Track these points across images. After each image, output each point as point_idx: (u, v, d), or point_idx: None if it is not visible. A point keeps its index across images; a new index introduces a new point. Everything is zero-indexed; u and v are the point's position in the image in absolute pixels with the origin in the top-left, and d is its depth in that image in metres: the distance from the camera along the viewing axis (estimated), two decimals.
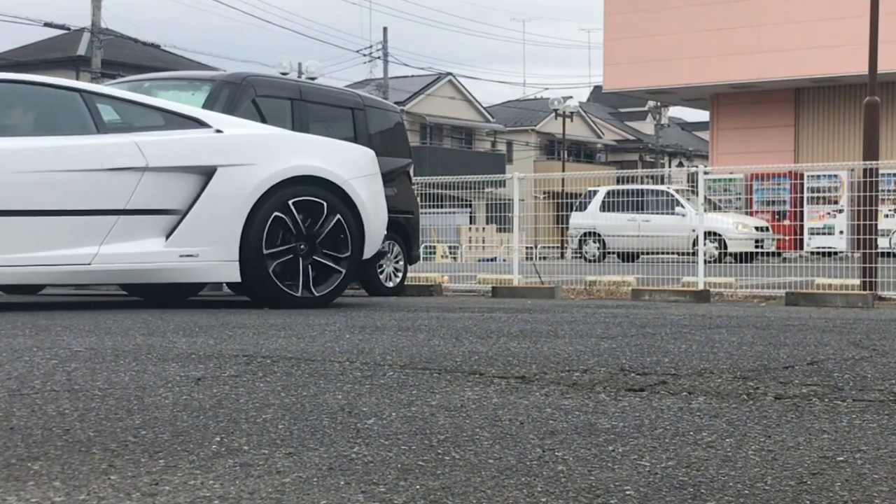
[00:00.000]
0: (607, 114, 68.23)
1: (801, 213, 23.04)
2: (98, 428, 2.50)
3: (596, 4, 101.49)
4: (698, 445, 2.38)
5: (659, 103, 51.80)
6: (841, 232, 22.15)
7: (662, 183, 24.15)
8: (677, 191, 18.96)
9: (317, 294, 7.14)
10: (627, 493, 1.95)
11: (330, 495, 1.90)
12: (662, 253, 15.10)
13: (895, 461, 2.25)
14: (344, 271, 7.27)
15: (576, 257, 16.40)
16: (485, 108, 58.63)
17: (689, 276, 10.75)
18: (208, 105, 8.40)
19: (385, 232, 7.82)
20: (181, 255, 6.68)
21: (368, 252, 7.44)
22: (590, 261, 15.29)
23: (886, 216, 18.02)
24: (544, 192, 18.55)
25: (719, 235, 16.54)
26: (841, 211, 23.15)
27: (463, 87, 57.01)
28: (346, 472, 2.08)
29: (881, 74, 11.41)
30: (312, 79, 11.49)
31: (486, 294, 10.42)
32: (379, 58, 47.48)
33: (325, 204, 7.14)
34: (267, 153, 7.00)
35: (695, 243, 11.63)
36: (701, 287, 9.96)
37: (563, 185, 23.10)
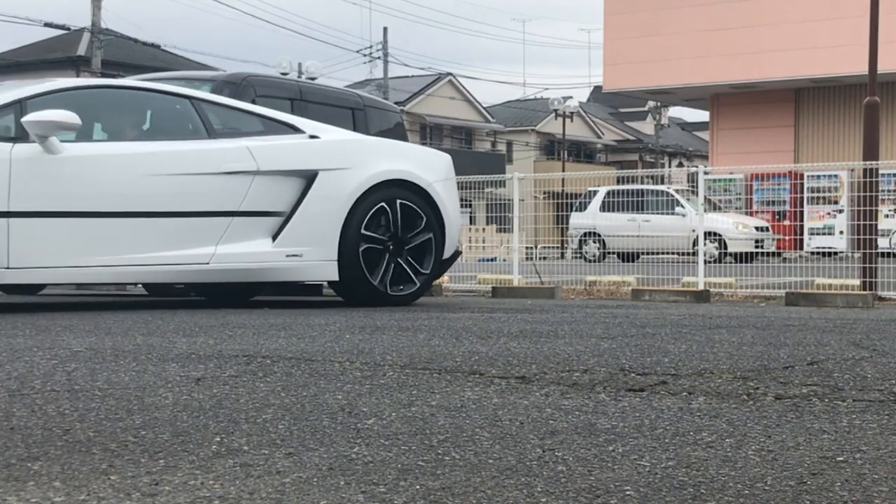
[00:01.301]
0: (607, 114, 68.23)
1: (801, 213, 23.04)
2: (98, 428, 2.50)
3: (596, 4, 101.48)
4: (698, 445, 2.38)
5: (659, 103, 51.80)
6: (841, 232, 22.15)
7: (662, 183, 24.14)
8: (677, 191, 18.95)
9: (406, 292, 7.53)
10: (627, 493, 1.95)
11: (330, 495, 1.90)
12: (662, 253, 15.10)
13: (895, 461, 2.25)
14: (428, 271, 7.66)
15: (576, 257, 16.39)
16: (485, 109, 58.63)
17: (689, 277, 10.75)
18: None
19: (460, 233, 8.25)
20: (287, 255, 7.04)
21: (448, 252, 7.81)
22: (590, 261, 15.30)
23: (886, 216, 18.02)
24: (544, 193, 18.57)
25: (719, 235, 16.54)
26: (841, 211, 23.15)
27: (463, 87, 57.01)
28: (346, 472, 2.08)
29: (881, 74, 11.41)
30: (312, 79, 11.50)
31: (486, 294, 10.42)
32: (379, 58, 47.49)
33: (413, 206, 7.51)
34: (361, 158, 7.37)
35: (695, 243, 11.63)
36: (701, 287, 9.96)
37: (563, 186, 23.11)
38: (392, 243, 7.44)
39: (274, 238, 7.03)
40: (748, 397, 3.09)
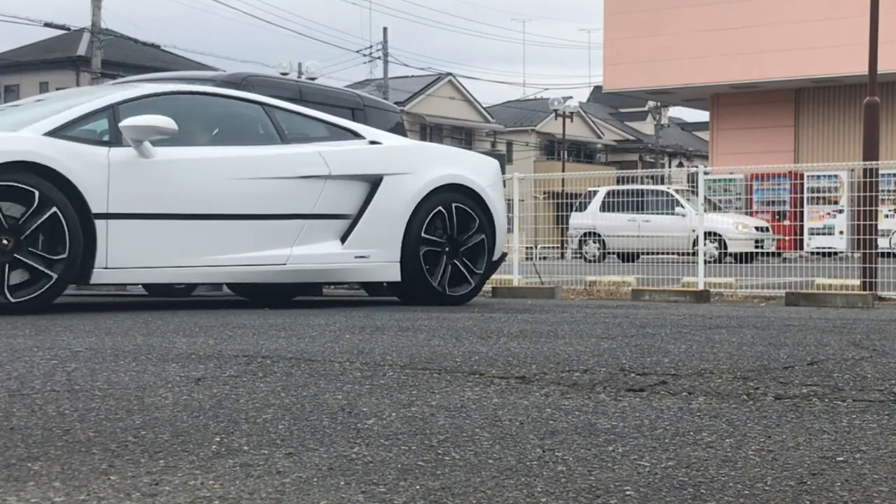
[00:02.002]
0: (607, 114, 68.23)
1: (801, 213, 23.03)
2: (98, 428, 2.50)
3: (596, 4, 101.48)
4: (698, 446, 2.38)
5: (659, 103, 51.80)
6: (841, 232, 22.15)
7: (662, 183, 24.12)
8: (677, 191, 18.94)
9: (461, 293, 7.80)
10: (627, 493, 1.95)
11: (330, 495, 1.90)
12: (662, 253, 15.09)
13: (895, 461, 2.25)
14: (482, 271, 7.94)
15: (576, 257, 16.39)
16: (485, 109, 58.62)
17: (689, 277, 10.75)
18: None
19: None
20: (356, 257, 7.35)
21: (497, 254, 8.12)
22: (590, 261, 15.29)
23: (886, 216, 18.02)
24: (544, 193, 18.53)
25: (719, 236, 16.54)
26: (841, 211, 23.15)
27: (463, 87, 57.02)
28: (346, 472, 2.08)
29: (881, 74, 11.41)
30: (312, 79, 11.49)
31: (486, 294, 10.41)
32: (379, 58, 47.49)
33: (467, 209, 7.79)
34: (421, 163, 7.70)
35: (695, 243, 11.63)
36: (701, 287, 9.96)
37: (563, 186, 23.08)
38: (448, 245, 7.74)
39: (343, 240, 7.32)
40: (748, 397, 3.09)
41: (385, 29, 50.00)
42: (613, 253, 15.76)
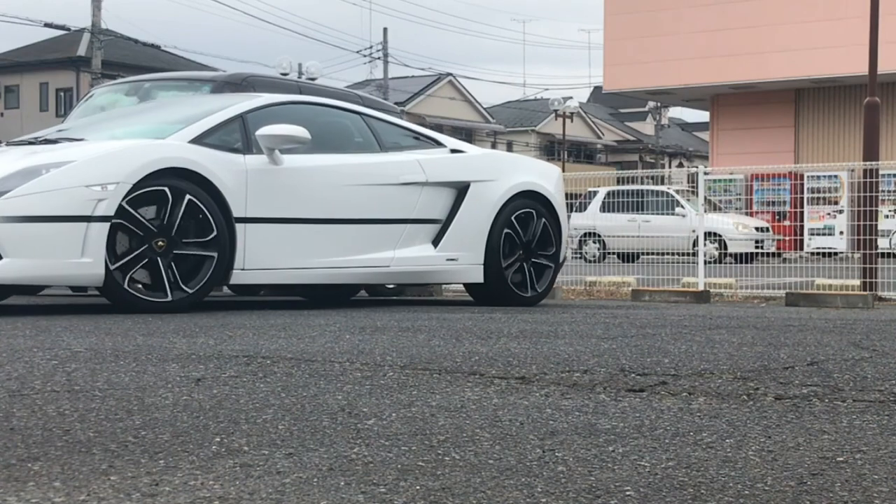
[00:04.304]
0: (607, 114, 68.24)
1: (802, 213, 23.02)
2: (98, 428, 2.50)
3: (596, 4, 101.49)
4: (698, 446, 2.38)
5: (659, 104, 51.81)
6: (841, 232, 22.14)
7: (662, 183, 24.12)
8: (677, 191, 18.93)
9: (533, 294, 8.12)
10: (627, 493, 1.95)
11: (330, 496, 1.90)
12: (662, 253, 15.09)
13: (895, 461, 2.25)
14: (551, 275, 8.31)
15: (576, 257, 16.39)
16: (485, 109, 58.64)
17: (689, 277, 10.75)
18: None
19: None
20: (447, 259, 7.75)
21: (562, 257, 8.45)
22: (590, 261, 15.28)
23: (886, 216, 18.01)
24: None
25: (719, 236, 16.52)
26: (841, 211, 23.14)
27: (463, 87, 57.04)
28: (346, 472, 2.08)
29: (881, 75, 11.41)
30: (312, 79, 11.48)
31: None
32: (379, 58, 47.51)
33: (541, 215, 8.17)
34: (501, 170, 8.11)
35: (695, 244, 11.62)
36: (701, 288, 9.96)
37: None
38: (522, 249, 8.09)
39: (435, 243, 7.71)
40: (748, 398, 3.09)
41: (385, 29, 50.01)
42: (613, 253, 15.75)
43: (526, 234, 8.10)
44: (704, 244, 10.79)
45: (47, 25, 37.11)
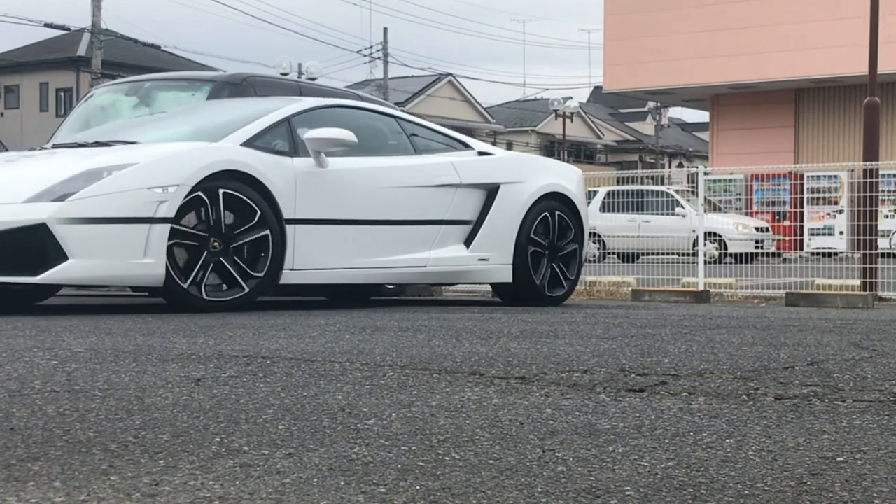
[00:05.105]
0: (607, 114, 68.24)
1: (802, 213, 23.03)
2: (98, 428, 2.50)
3: (596, 4, 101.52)
4: (698, 446, 2.38)
5: (659, 104, 51.81)
6: (841, 232, 22.14)
7: (662, 183, 24.11)
8: (677, 191, 18.93)
9: (559, 294, 8.31)
10: (627, 493, 1.95)
11: (330, 496, 1.90)
12: (662, 253, 15.09)
13: (895, 461, 2.25)
14: (576, 274, 8.51)
15: None
16: (485, 109, 58.64)
17: (690, 277, 10.75)
18: None
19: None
20: (479, 259, 7.91)
21: (584, 255, 8.68)
22: (590, 261, 15.28)
23: (886, 217, 18.01)
24: None
25: (719, 236, 16.53)
26: (841, 211, 23.14)
27: (463, 87, 57.04)
28: (346, 472, 2.08)
29: (881, 75, 11.41)
30: (312, 79, 11.49)
31: (486, 294, 10.41)
32: (379, 58, 47.52)
33: (564, 216, 8.31)
34: (528, 172, 8.27)
35: (695, 244, 11.62)
36: (701, 288, 9.96)
37: None
38: (548, 249, 8.25)
39: (467, 244, 7.87)
40: (748, 398, 3.09)
41: (385, 29, 50.02)
42: (613, 253, 15.74)
43: (551, 234, 8.25)
44: (704, 244, 10.79)
45: (47, 25, 37.13)
